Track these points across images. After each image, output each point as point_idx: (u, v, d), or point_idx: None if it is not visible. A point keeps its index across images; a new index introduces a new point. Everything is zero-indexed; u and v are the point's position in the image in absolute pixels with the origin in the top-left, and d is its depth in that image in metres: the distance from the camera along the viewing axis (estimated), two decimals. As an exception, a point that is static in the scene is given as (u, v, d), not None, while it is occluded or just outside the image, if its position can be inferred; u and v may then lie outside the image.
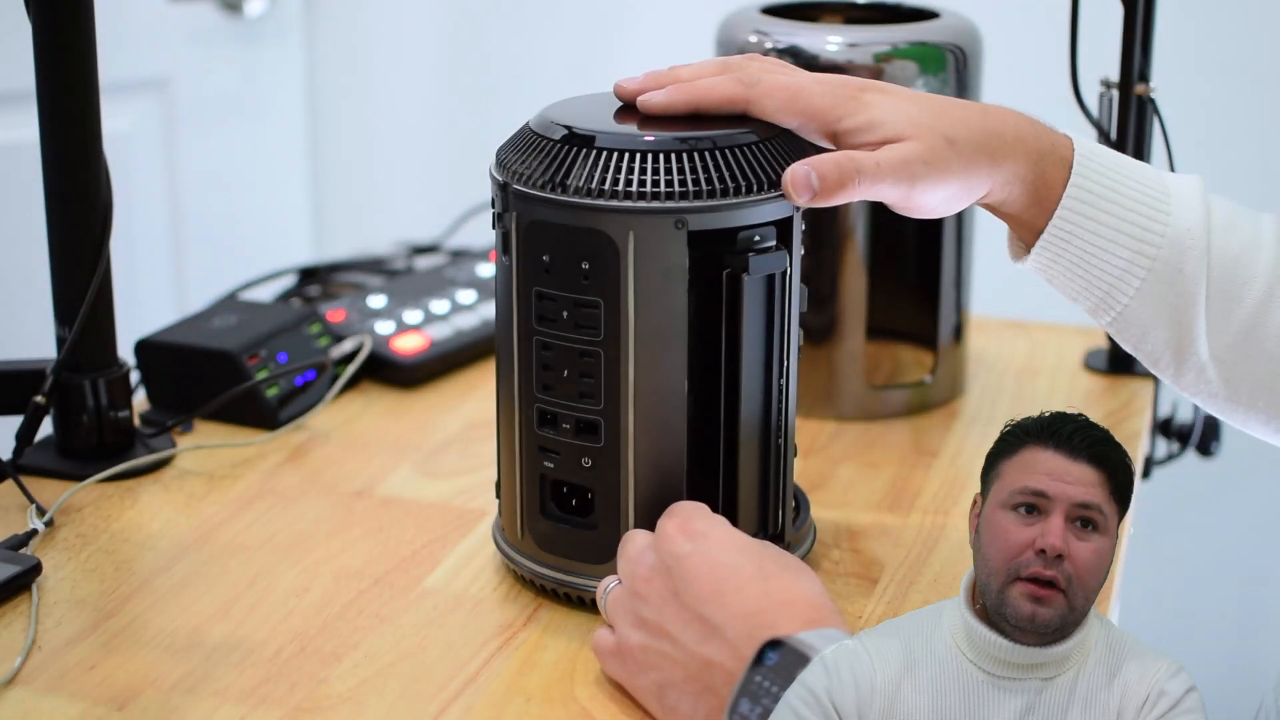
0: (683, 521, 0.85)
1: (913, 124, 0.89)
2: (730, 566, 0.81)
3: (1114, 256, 0.91)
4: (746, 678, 0.75)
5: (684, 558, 0.82)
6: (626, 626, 0.84)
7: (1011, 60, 1.59)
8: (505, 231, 0.92)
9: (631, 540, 0.88)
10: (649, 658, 0.82)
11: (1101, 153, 0.92)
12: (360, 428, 1.21)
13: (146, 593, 0.97)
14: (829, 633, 0.75)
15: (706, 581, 0.81)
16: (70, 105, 1.06)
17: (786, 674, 0.74)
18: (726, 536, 0.84)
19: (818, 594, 0.80)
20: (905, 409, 1.25)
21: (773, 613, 0.78)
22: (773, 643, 0.75)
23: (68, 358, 1.09)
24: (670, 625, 0.81)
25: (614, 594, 0.87)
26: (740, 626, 0.78)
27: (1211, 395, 0.94)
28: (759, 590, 0.80)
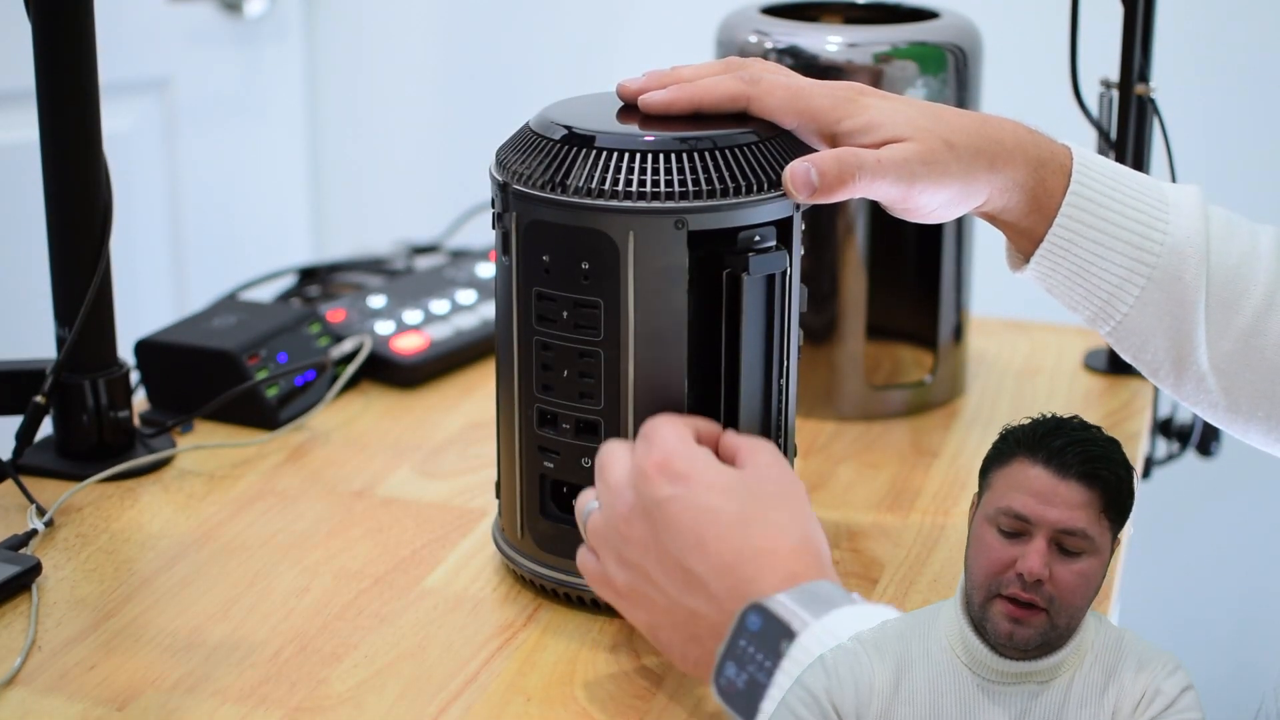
0: (663, 460, 0.82)
1: (912, 126, 0.89)
2: (711, 512, 0.80)
3: (1113, 265, 0.91)
4: (731, 641, 0.75)
5: (664, 503, 0.80)
6: (612, 562, 0.83)
7: (1011, 60, 1.59)
8: (505, 231, 0.92)
9: (610, 463, 0.85)
10: (637, 598, 0.82)
11: (1100, 162, 0.92)
12: (360, 428, 1.21)
13: (146, 593, 0.97)
14: (812, 587, 0.75)
15: (688, 531, 0.79)
16: (70, 105, 1.06)
17: (770, 643, 0.73)
18: (707, 477, 0.81)
19: (801, 537, 0.79)
20: (905, 409, 1.25)
21: (754, 564, 0.78)
22: (756, 607, 0.75)
23: (68, 358, 1.09)
24: (654, 572, 0.81)
25: (594, 521, 0.85)
26: (722, 581, 0.78)
27: (1211, 405, 0.94)
28: (740, 539, 0.79)
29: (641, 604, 0.82)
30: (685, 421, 0.86)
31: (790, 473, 0.84)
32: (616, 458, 0.85)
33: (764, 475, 0.83)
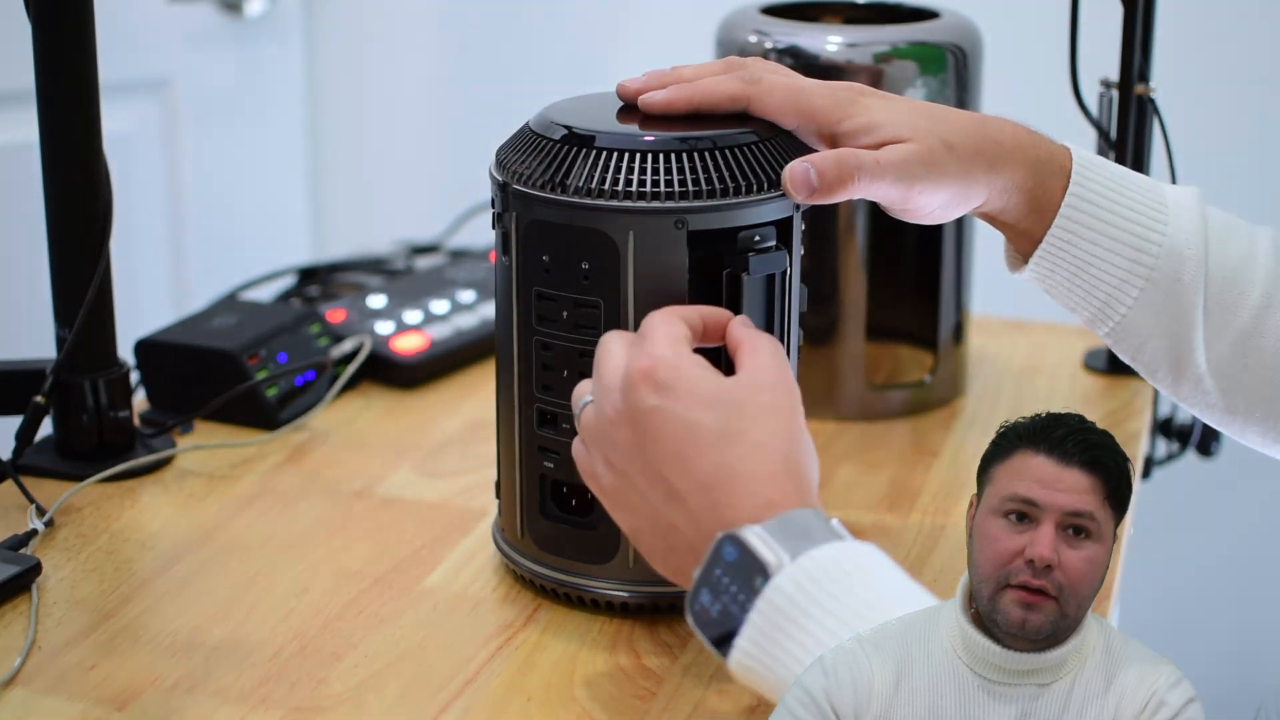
0: (650, 367, 0.80)
1: (912, 127, 0.89)
2: (693, 428, 0.78)
3: (1112, 266, 0.91)
4: (706, 569, 0.75)
5: (648, 413, 0.79)
6: (599, 461, 0.83)
7: (1011, 60, 1.59)
8: (505, 231, 0.92)
9: (606, 359, 0.83)
10: (621, 499, 0.82)
11: (1100, 163, 0.92)
12: (360, 428, 1.21)
13: (146, 593, 0.97)
14: (790, 518, 0.75)
15: (669, 443, 0.79)
16: (70, 105, 1.06)
17: (745, 577, 0.73)
18: (692, 389, 0.79)
19: (783, 457, 0.78)
20: (905, 409, 1.25)
21: (732, 487, 0.77)
22: (732, 538, 0.74)
23: (68, 358, 1.09)
24: (637, 479, 0.80)
25: (587, 416, 0.84)
26: (701, 499, 0.78)
27: (1209, 406, 0.94)
28: (721, 458, 0.78)
29: (625, 506, 0.82)
30: (684, 316, 0.84)
31: (785, 380, 0.82)
32: (612, 353, 0.83)
33: (756, 383, 0.81)
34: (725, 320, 0.85)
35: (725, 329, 0.85)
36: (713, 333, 0.85)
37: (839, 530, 0.76)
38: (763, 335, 0.84)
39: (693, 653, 0.91)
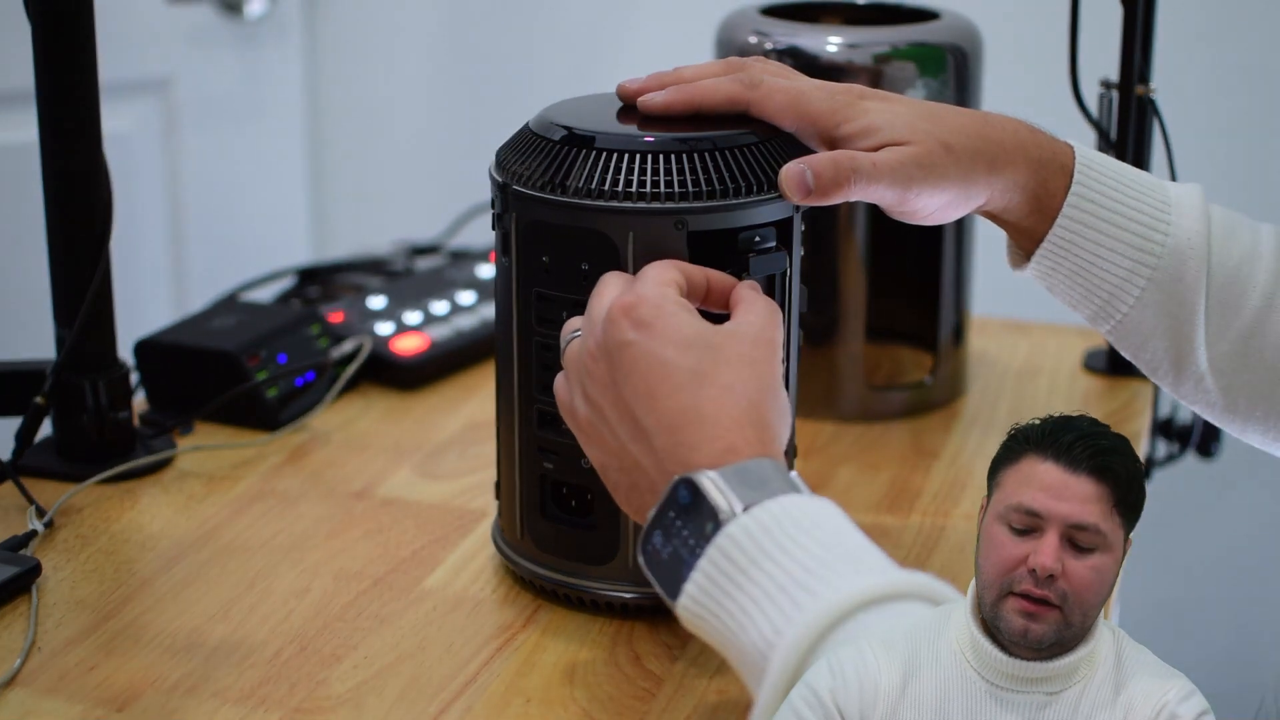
0: (633, 303, 0.80)
1: (911, 129, 0.89)
2: (665, 366, 0.78)
3: (1114, 265, 0.91)
4: (660, 511, 0.75)
5: (624, 347, 0.79)
6: (578, 395, 0.83)
7: (1011, 60, 1.59)
8: (505, 232, 0.92)
9: (600, 293, 0.84)
10: (592, 434, 0.82)
11: (1102, 161, 0.92)
12: (360, 429, 1.21)
13: (146, 594, 0.97)
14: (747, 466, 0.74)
15: (640, 379, 0.78)
16: (70, 105, 1.06)
17: (697, 523, 0.73)
18: (669, 328, 0.79)
19: (749, 404, 0.77)
20: (905, 410, 1.25)
21: (696, 429, 0.76)
22: (687, 482, 0.74)
23: (68, 358, 1.09)
24: (608, 413, 0.80)
25: (572, 348, 0.84)
26: (665, 438, 0.77)
27: (1210, 404, 0.94)
28: (688, 399, 0.77)
29: (596, 441, 0.82)
30: (687, 271, 0.84)
31: (770, 337, 0.81)
32: (607, 288, 0.84)
33: (739, 334, 0.80)
34: (731, 286, 0.85)
35: (730, 291, 0.85)
36: (717, 296, 0.85)
37: (797, 483, 0.75)
38: (764, 298, 0.84)
39: (693, 653, 0.91)
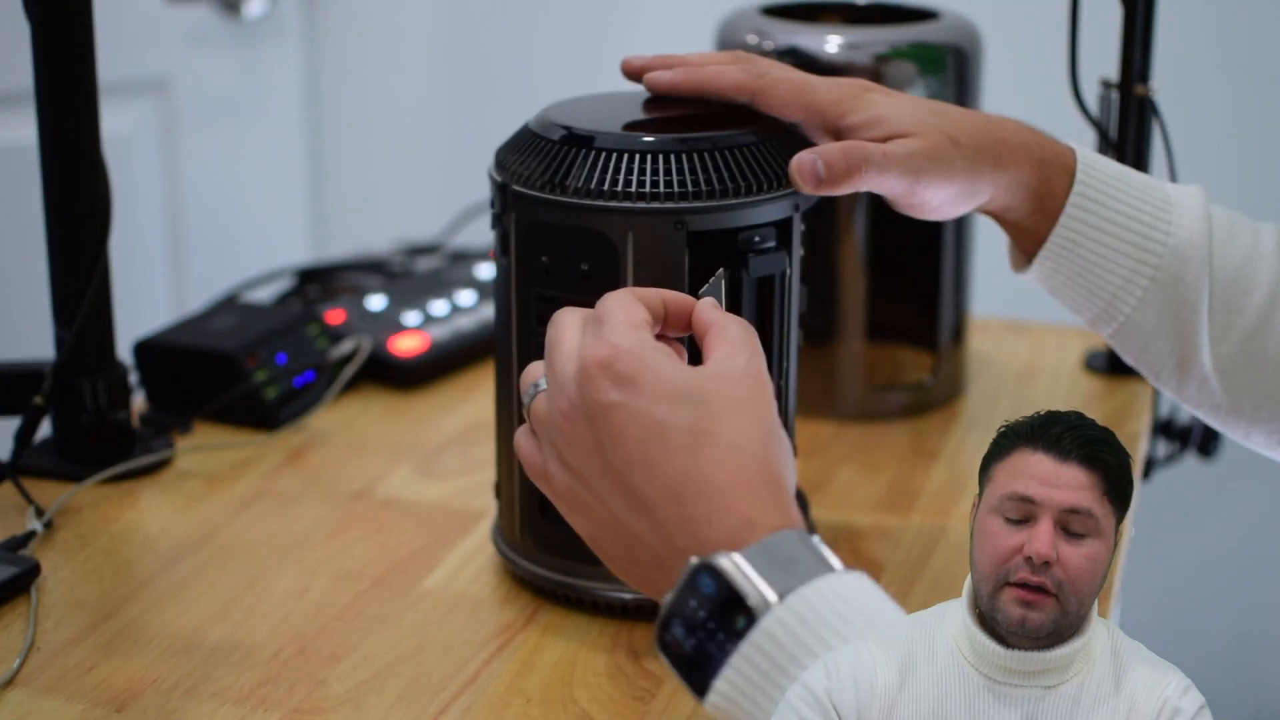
0: (609, 357, 0.71)
1: (917, 122, 0.89)
2: (660, 427, 0.70)
3: (1116, 266, 0.91)
4: (679, 598, 0.68)
5: (609, 410, 0.71)
6: (553, 459, 0.74)
7: (1011, 60, 1.59)
8: (504, 232, 0.92)
9: (560, 341, 0.75)
10: (576, 503, 0.74)
11: (1104, 163, 0.92)
12: (359, 429, 1.21)
13: (145, 594, 0.97)
14: (772, 544, 0.68)
15: (633, 445, 0.70)
16: (70, 105, 1.06)
17: (726, 616, 0.67)
18: (656, 382, 0.71)
19: (759, 463, 0.70)
20: (905, 410, 1.25)
21: (705, 500, 0.69)
22: (709, 569, 0.67)
23: (67, 358, 1.09)
24: (596, 484, 0.72)
25: (538, 405, 0.75)
26: (670, 510, 0.70)
27: (1215, 406, 0.93)
28: (689, 462, 0.70)
29: (581, 511, 0.74)
30: (644, 298, 0.75)
31: (756, 370, 0.73)
32: (567, 335, 0.75)
33: (725, 375, 0.72)
34: (690, 308, 0.77)
35: (690, 317, 0.77)
36: (676, 319, 0.77)
37: (823, 553, 0.70)
38: (732, 318, 0.76)
39: (692, 654, 0.91)
